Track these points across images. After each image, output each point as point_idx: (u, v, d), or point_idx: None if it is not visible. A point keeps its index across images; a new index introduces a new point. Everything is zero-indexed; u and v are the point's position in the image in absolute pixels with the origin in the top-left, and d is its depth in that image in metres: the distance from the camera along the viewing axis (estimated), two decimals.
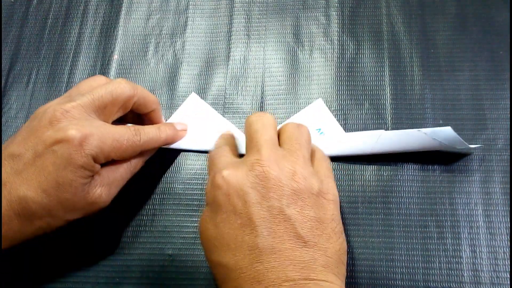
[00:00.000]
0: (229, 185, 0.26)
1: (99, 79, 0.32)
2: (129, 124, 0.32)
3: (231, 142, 0.33)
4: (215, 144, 0.32)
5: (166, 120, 0.37)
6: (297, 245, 0.24)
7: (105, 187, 0.29)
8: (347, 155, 0.34)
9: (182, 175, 0.35)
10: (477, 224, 0.32)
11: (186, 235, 0.33)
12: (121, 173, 0.30)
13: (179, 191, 0.34)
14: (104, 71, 0.40)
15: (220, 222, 0.26)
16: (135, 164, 0.31)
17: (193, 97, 0.38)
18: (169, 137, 0.34)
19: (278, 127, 0.35)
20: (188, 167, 0.35)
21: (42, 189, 0.26)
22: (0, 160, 0.28)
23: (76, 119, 0.28)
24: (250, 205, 0.25)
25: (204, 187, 0.34)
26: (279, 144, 0.29)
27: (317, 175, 0.27)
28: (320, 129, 0.35)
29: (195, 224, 0.34)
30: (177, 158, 0.36)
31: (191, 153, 0.36)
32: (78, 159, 0.27)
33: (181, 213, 0.34)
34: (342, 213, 0.33)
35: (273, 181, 0.25)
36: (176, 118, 0.37)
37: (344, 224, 0.32)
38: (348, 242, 0.32)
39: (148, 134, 0.31)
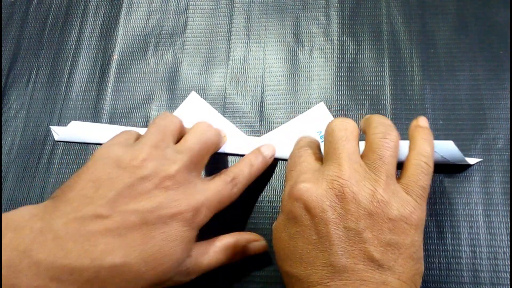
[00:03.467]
0: (308, 200, 0.25)
1: (175, 120, 0.30)
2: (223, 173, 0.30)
3: (314, 144, 0.31)
4: (297, 143, 0.31)
5: None
6: (370, 267, 0.24)
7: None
8: None
9: None
10: (477, 224, 0.32)
11: None
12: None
13: None
14: (104, 71, 0.40)
15: (295, 234, 0.25)
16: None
17: (193, 96, 0.38)
18: (260, 169, 0.32)
19: (279, 128, 0.35)
20: None
21: (143, 257, 0.24)
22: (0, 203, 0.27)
23: (182, 185, 0.27)
24: (327, 223, 0.24)
25: None
26: (362, 155, 0.27)
27: (400, 195, 0.26)
28: (320, 132, 0.35)
29: None
30: None
31: None
32: (189, 233, 0.26)
33: None
34: None
35: (352, 203, 0.25)
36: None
37: None
38: None
39: (244, 180, 0.30)
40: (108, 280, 0.23)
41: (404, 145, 0.31)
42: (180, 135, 0.30)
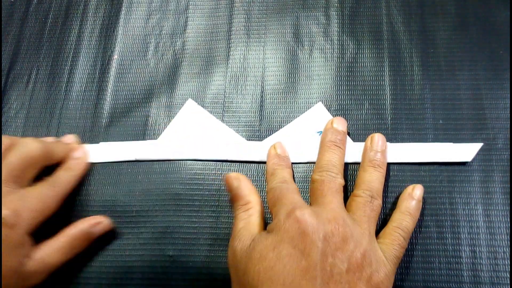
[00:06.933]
0: (308, 225, 0.26)
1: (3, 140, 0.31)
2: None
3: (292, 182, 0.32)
4: (278, 177, 0.31)
5: (164, 129, 0.37)
6: None
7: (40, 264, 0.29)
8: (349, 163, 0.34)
9: (182, 175, 0.35)
10: (477, 224, 0.32)
11: (187, 236, 0.33)
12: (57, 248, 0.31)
13: (179, 191, 0.34)
14: (104, 71, 0.40)
15: (286, 256, 0.25)
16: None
17: (190, 103, 0.37)
18: (81, 167, 0.35)
19: (278, 132, 0.36)
20: (188, 167, 0.35)
21: None
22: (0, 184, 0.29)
23: None
24: (319, 253, 0.25)
25: (204, 187, 0.34)
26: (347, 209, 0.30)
27: (379, 254, 0.28)
28: (320, 132, 0.35)
29: (196, 225, 0.34)
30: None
31: None
32: (15, 239, 0.28)
33: (181, 214, 0.34)
34: None
35: (343, 243, 0.26)
36: (174, 127, 0.37)
37: None
38: None
39: (61, 178, 0.33)
40: None
41: (356, 147, 0.33)
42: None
